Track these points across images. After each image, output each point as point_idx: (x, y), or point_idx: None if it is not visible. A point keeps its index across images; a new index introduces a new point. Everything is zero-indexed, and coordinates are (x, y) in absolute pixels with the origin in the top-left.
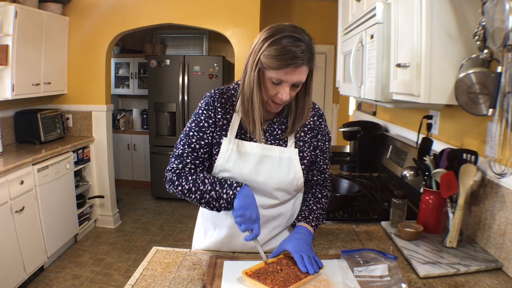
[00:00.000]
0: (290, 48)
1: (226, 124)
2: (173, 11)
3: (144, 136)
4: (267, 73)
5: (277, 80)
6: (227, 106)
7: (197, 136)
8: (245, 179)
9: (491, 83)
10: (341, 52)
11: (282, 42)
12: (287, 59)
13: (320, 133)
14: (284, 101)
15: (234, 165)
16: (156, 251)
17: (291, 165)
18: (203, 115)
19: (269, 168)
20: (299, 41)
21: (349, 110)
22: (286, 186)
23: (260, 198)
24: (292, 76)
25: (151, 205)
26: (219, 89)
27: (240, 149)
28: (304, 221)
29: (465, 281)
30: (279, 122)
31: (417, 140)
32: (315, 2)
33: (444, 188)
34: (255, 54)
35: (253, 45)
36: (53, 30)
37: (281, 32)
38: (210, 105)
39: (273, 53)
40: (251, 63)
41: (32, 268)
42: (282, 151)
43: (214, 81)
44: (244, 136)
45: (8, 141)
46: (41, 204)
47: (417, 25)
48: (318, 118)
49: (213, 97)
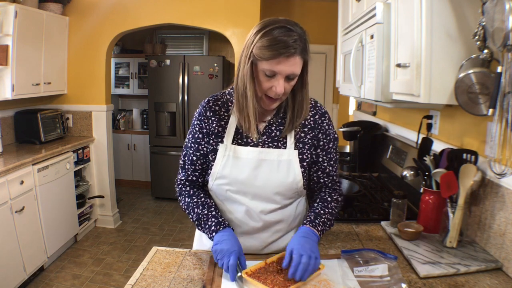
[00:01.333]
0: (281, 38)
1: (221, 131)
2: (173, 11)
3: (144, 136)
4: (259, 65)
5: (270, 72)
6: (221, 113)
7: (194, 148)
8: (243, 184)
9: (491, 83)
10: (341, 52)
11: (274, 33)
12: (279, 48)
13: (321, 132)
14: (278, 95)
15: (231, 171)
16: (156, 251)
17: (291, 167)
18: (197, 126)
19: (267, 172)
20: (290, 31)
21: (349, 110)
22: (285, 189)
23: (260, 204)
24: (285, 67)
25: (151, 205)
26: (212, 97)
27: (236, 154)
28: (309, 224)
29: (465, 281)
30: (277, 123)
31: (417, 140)
32: (315, 2)
33: (444, 188)
34: (248, 47)
35: (246, 40)
36: (53, 30)
37: (273, 24)
38: (203, 115)
39: (265, 44)
40: (244, 57)
41: (32, 268)
42: (281, 153)
43: (214, 81)
44: (241, 141)
45: (8, 141)
46: (41, 204)
47: (417, 25)
48: (320, 117)
49: (205, 107)
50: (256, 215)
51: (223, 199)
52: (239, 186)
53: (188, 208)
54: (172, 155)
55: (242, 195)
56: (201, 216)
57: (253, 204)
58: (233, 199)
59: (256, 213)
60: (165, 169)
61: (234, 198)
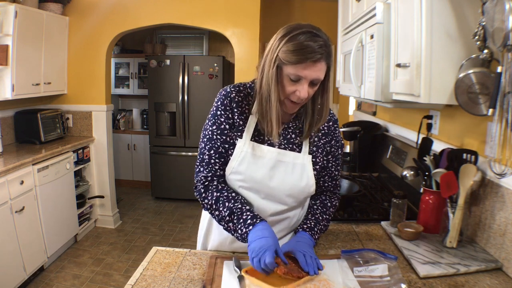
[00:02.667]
0: (308, 43)
1: (242, 125)
2: (173, 11)
3: (144, 136)
4: (285, 69)
5: (296, 76)
6: (243, 105)
7: (221, 140)
8: (257, 183)
9: (491, 83)
10: (341, 52)
11: (300, 38)
12: (306, 53)
13: (333, 139)
14: (301, 99)
15: (247, 168)
16: (156, 251)
17: (304, 171)
18: (223, 116)
19: (282, 174)
20: (317, 37)
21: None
22: (298, 192)
23: (270, 204)
24: (311, 72)
25: (151, 205)
26: (234, 86)
27: (254, 152)
28: (309, 232)
29: (465, 281)
30: (294, 126)
31: (417, 140)
32: (315, 2)
33: (444, 188)
34: (273, 52)
35: (270, 45)
36: (53, 30)
37: (298, 29)
38: (227, 106)
39: (291, 48)
40: (269, 61)
41: (32, 268)
42: (296, 156)
43: (214, 81)
44: (259, 139)
45: (8, 141)
46: (41, 204)
47: (417, 25)
48: (333, 124)
49: (229, 97)
50: (263, 214)
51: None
52: (253, 184)
53: (217, 202)
54: (172, 155)
55: (254, 193)
56: (235, 210)
57: (263, 203)
58: (244, 196)
59: (263, 212)
60: (165, 169)
61: (245, 195)
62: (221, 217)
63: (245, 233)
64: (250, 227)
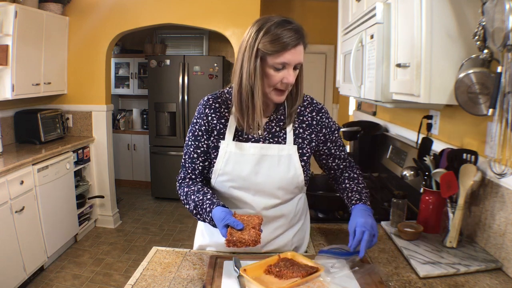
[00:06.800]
0: (285, 30)
1: (222, 128)
2: (173, 11)
3: (144, 136)
4: (269, 60)
5: (281, 64)
6: (221, 109)
7: (194, 146)
8: (245, 180)
9: (491, 83)
10: (341, 52)
11: (277, 27)
12: (287, 40)
13: (324, 128)
14: (290, 85)
15: (234, 168)
16: (156, 251)
17: (291, 162)
18: (197, 124)
19: (267, 168)
20: (290, 23)
21: (349, 110)
22: (287, 184)
23: (261, 199)
24: (293, 56)
25: (151, 205)
26: (212, 95)
27: (238, 150)
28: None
29: (465, 281)
30: (277, 119)
31: (417, 140)
32: (315, 2)
33: (444, 188)
34: (251, 46)
35: (246, 40)
36: (53, 30)
37: (271, 20)
38: (202, 113)
39: (272, 38)
40: (248, 56)
41: (32, 268)
42: (281, 148)
43: (214, 81)
44: (242, 138)
45: (8, 141)
46: (41, 204)
47: (417, 25)
48: (317, 113)
49: (205, 105)
50: (258, 211)
51: (226, 196)
52: (241, 182)
53: (186, 197)
54: (172, 155)
55: (244, 191)
56: (198, 201)
57: (256, 199)
58: (236, 196)
59: (258, 209)
60: (165, 169)
61: (236, 195)
62: (191, 210)
63: (211, 220)
64: (210, 214)
